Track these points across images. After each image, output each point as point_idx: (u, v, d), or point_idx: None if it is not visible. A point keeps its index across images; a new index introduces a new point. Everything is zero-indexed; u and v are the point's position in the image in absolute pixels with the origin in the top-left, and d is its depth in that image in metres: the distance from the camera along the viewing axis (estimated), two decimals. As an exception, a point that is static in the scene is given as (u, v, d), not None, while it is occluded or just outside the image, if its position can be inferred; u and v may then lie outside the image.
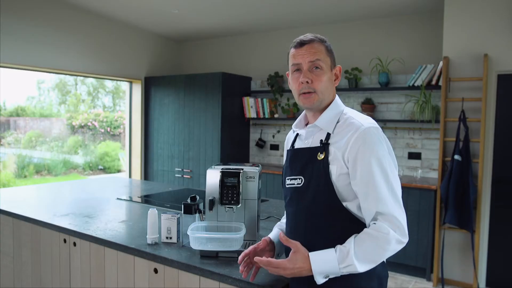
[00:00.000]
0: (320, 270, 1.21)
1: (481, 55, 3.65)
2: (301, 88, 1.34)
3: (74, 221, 2.24)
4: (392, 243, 1.21)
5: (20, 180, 7.96)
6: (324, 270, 1.21)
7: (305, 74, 1.32)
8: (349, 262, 1.19)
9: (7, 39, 4.08)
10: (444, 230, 3.82)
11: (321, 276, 1.21)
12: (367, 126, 1.27)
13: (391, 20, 4.57)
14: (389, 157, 1.28)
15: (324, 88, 1.33)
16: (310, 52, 1.32)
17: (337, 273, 1.20)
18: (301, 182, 1.35)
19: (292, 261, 1.23)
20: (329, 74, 1.35)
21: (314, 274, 1.21)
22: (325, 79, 1.33)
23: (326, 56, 1.34)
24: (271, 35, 5.43)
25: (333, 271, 1.20)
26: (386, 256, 1.24)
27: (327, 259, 1.21)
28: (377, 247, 1.20)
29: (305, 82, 1.32)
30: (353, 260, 1.18)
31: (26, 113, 8.96)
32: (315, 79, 1.32)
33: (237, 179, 1.68)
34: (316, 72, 1.32)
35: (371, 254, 1.21)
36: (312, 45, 1.34)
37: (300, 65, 1.34)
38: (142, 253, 1.76)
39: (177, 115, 5.43)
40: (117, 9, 4.74)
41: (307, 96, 1.34)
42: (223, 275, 1.49)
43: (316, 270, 1.21)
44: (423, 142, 4.37)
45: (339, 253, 1.20)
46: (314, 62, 1.32)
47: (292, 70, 1.37)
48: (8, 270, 2.60)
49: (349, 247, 1.20)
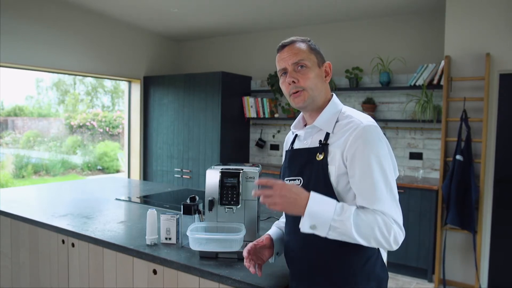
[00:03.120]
0: (314, 212, 1.16)
1: (483, 54, 3.63)
2: (290, 88, 1.34)
3: (72, 221, 2.23)
4: (392, 235, 1.17)
5: (18, 180, 7.94)
6: (317, 213, 1.16)
7: (290, 74, 1.33)
8: (344, 217, 1.15)
9: (6, 38, 4.06)
10: (445, 230, 3.80)
11: (309, 222, 1.17)
12: (366, 124, 1.26)
13: (392, 19, 4.55)
14: (388, 156, 1.27)
15: (313, 84, 1.33)
16: (291, 54, 1.34)
17: (327, 223, 1.15)
18: (300, 183, 1.34)
19: (291, 185, 1.20)
20: (316, 71, 1.34)
21: (305, 214, 1.16)
22: (312, 76, 1.33)
23: (309, 54, 1.34)
24: (271, 34, 5.41)
25: (325, 219, 1.15)
26: (379, 243, 1.18)
27: (325, 203, 1.17)
28: (375, 225, 1.16)
29: (291, 82, 1.33)
30: (350, 219, 1.14)
31: (24, 113, 8.94)
32: (301, 77, 1.32)
33: (237, 180, 1.68)
34: (301, 71, 1.33)
35: (368, 228, 1.16)
36: (293, 46, 1.35)
37: (285, 68, 1.35)
38: (141, 254, 1.76)
39: (177, 115, 5.41)
40: (117, 8, 4.72)
41: (297, 95, 1.34)
42: (222, 276, 1.49)
43: (310, 209, 1.16)
44: (424, 142, 4.35)
45: (340, 206, 1.17)
46: (297, 63, 1.33)
47: (280, 74, 1.39)
48: (6, 271, 2.59)
49: (351, 207, 1.17)
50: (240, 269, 1.54)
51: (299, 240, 1.33)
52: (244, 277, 1.46)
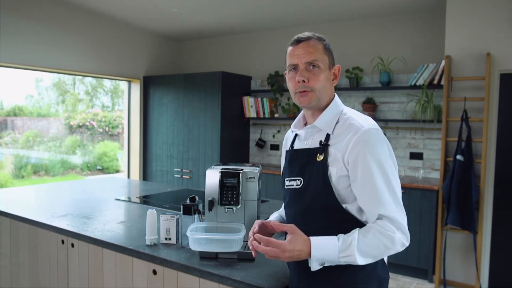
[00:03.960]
0: (319, 256, 1.18)
1: (484, 54, 3.62)
2: (297, 87, 1.32)
3: (72, 222, 2.22)
4: (397, 243, 1.20)
5: (18, 180, 7.94)
6: (323, 257, 1.18)
7: (301, 73, 1.31)
8: (350, 252, 1.17)
9: (6, 38, 4.05)
10: (446, 231, 3.79)
11: (318, 263, 1.19)
12: (367, 127, 1.25)
13: (392, 19, 4.55)
14: (389, 159, 1.26)
15: (322, 87, 1.32)
16: (307, 52, 1.30)
17: (334, 262, 1.19)
18: (300, 183, 1.34)
19: (292, 242, 1.19)
20: (326, 73, 1.33)
21: (312, 259, 1.19)
22: (322, 78, 1.31)
23: (323, 55, 1.32)
24: (271, 34, 5.40)
25: (332, 259, 1.18)
26: (388, 254, 1.23)
27: (328, 246, 1.18)
28: (380, 243, 1.19)
29: (301, 81, 1.30)
30: (355, 251, 1.16)
31: (24, 113, 8.94)
32: (311, 78, 1.30)
33: (237, 180, 1.67)
34: (313, 71, 1.31)
35: (373, 249, 1.19)
36: (309, 43, 1.32)
37: (296, 65, 1.33)
38: (141, 254, 1.75)
39: (176, 114, 5.40)
40: (116, 8, 4.71)
41: (303, 94, 1.32)
42: (222, 277, 1.48)
43: (315, 255, 1.18)
44: (425, 142, 4.34)
45: (341, 242, 1.18)
46: (311, 62, 1.30)
47: (289, 69, 1.36)
48: (6, 271, 2.58)
49: (352, 238, 1.18)
50: (240, 269, 1.53)
51: None
52: (244, 278, 1.45)
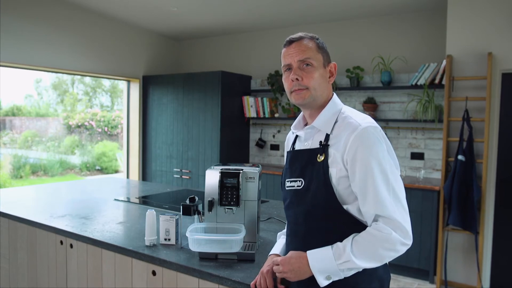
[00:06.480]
0: (318, 268, 1.20)
1: (485, 53, 3.61)
2: (292, 85, 1.33)
3: (71, 222, 2.21)
4: (396, 243, 1.19)
5: (16, 180, 7.93)
6: (322, 267, 1.20)
7: (295, 72, 1.32)
8: (346, 258, 1.18)
9: (5, 37, 4.04)
10: (447, 231, 3.77)
11: (323, 277, 1.20)
12: (365, 125, 1.24)
13: (393, 18, 4.53)
14: (388, 157, 1.25)
15: (317, 84, 1.32)
16: (299, 50, 1.32)
17: (336, 270, 1.19)
18: (301, 184, 1.33)
19: (285, 260, 1.26)
20: (321, 71, 1.33)
21: (314, 273, 1.21)
22: (316, 75, 1.31)
23: (317, 53, 1.33)
24: (271, 33, 5.39)
25: (332, 268, 1.19)
26: (390, 256, 1.22)
27: (323, 256, 1.21)
28: (375, 244, 1.19)
29: (295, 79, 1.31)
30: (350, 256, 1.18)
31: (22, 113, 8.93)
32: (305, 76, 1.31)
33: (236, 180, 1.67)
34: (306, 69, 1.31)
35: (369, 251, 1.19)
36: (301, 42, 1.33)
37: (290, 64, 1.33)
38: (140, 255, 1.74)
39: (176, 114, 5.38)
40: (115, 7, 4.70)
41: (298, 92, 1.32)
42: (222, 277, 1.48)
43: (314, 267, 1.21)
44: (426, 142, 4.33)
45: (335, 249, 1.20)
46: (303, 61, 1.31)
47: (284, 70, 1.37)
48: (4, 272, 2.57)
49: (345, 243, 1.20)
50: (240, 270, 1.52)
51: (299, 241, 1.34)
52: (244, 278, 1.44)
